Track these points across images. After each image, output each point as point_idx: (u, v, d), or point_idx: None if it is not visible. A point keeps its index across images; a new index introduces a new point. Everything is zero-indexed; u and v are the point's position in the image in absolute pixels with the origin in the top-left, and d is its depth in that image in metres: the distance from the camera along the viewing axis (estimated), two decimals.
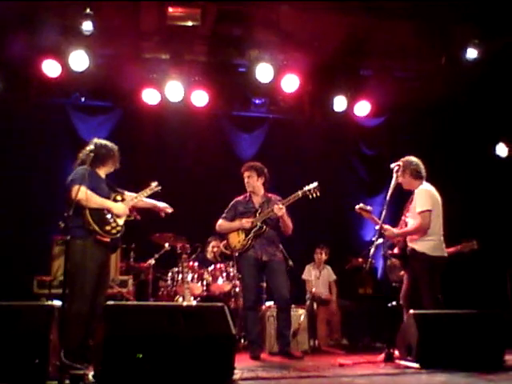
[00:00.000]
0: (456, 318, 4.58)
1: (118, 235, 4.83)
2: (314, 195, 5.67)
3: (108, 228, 4.72)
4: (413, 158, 5.38)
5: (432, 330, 4.42)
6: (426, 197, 5.16)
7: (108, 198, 4.83)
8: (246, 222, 5.79)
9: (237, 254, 5.96)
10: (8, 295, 4.92)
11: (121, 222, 4.86)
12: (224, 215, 5.98)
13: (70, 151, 6.27)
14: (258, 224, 5.75)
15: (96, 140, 5.00)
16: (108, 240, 4.74)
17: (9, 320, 3.27)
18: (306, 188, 5.68)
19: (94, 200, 4.66)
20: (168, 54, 7.43)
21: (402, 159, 5.39)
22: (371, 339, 7.00)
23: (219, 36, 7.28)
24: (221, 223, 5.98)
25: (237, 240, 5.86)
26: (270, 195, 5.97)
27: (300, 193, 5.69)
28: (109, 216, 4.75)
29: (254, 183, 5.89)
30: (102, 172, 5.01)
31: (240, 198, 6.04)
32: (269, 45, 7.22)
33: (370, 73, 8.04)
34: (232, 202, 6.03)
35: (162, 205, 5.35)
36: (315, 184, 5.68)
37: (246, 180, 5.92)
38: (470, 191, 8.38)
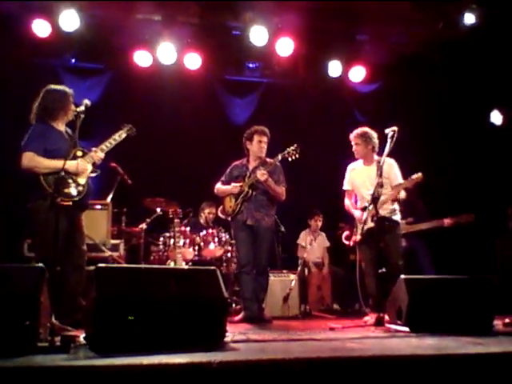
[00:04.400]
0: (446, 283, 4.60)
1: (82, 196, 4.58)
2: (294, 157, 5.68)
3: (67, 191, 4.48)
4: None
5: (422, 294, 4.45)
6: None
7: (68, 154, 4.43)
8: (233, 187, 5.82)
9: (230, 219, 5.96)
10: None
11: (82, 180, 4.61)
12: (222, 178, 5.98)
13: None
14: (246, 189, 5.75)
15: (45, 88, 4.72)
16: (70, 203, 4.43)
17: None
18: (286, 151, 5.69)
19: (44, 165, 4.43)
20: (160, 14, 7.28)
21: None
22: (361, 305, 7.04)
23: None
24: (217, 186, 6.00)
25: (229, 205, 5.90)
26: (267, 159, 5.86)
27: (280, 156, 5.71)
28: (67, 177, 4.48)
29: (263, 148, 5.84)
30: (60, 123, 4.72)
31: (237, 162, 6.01)
32: (263, 7, 7.09)
33: (366, 38, 7.94)
34: (230, 166, 6.01)
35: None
36: (294, 146, 5.68)
37: (262, 145, 5.83)
38: (463, 159, 8.37)
